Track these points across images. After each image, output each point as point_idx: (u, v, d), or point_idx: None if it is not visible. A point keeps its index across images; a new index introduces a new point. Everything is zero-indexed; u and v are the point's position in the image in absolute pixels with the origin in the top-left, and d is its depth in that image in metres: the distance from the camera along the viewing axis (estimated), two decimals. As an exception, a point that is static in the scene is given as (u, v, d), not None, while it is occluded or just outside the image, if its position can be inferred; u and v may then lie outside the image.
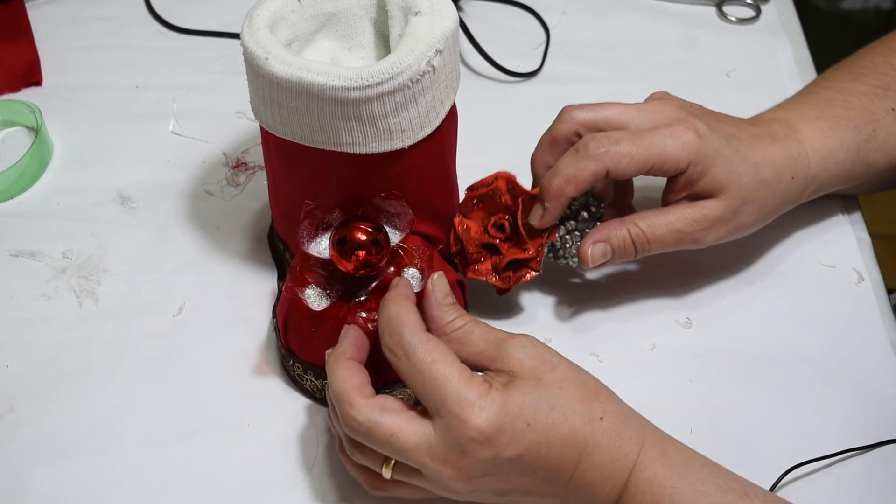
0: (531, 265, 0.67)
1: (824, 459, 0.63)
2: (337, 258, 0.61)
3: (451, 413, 0.52)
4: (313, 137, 0.60)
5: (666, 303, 0.72)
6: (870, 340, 0.70)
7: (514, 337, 0.56)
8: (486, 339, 0.56)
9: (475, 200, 0.69)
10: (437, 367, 0.53)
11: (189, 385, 0.68)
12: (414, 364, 0.54)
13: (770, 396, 0.67)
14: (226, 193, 0.80)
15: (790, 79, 0.89)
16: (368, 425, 0.54)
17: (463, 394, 0.53)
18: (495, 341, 0.56)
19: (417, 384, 0.54)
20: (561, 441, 0.53)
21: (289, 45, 0.64)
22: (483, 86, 0.89)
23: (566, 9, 0.95)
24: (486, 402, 0.52)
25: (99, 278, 0.74)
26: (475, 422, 0.52)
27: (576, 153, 0.65)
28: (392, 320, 0.56)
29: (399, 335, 0.55)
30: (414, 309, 0.57)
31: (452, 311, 0.57)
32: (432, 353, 0.54)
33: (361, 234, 0.60)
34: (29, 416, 0.67)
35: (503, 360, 0.55)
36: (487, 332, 0.56)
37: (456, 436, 0.52)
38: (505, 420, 0.52)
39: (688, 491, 0.54)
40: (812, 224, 0.77)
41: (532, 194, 0.68)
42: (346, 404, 0.55)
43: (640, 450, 0.54)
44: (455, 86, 0.64)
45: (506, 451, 0.53)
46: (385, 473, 0.56)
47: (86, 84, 0.88)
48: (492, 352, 0.55)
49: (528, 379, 0.54)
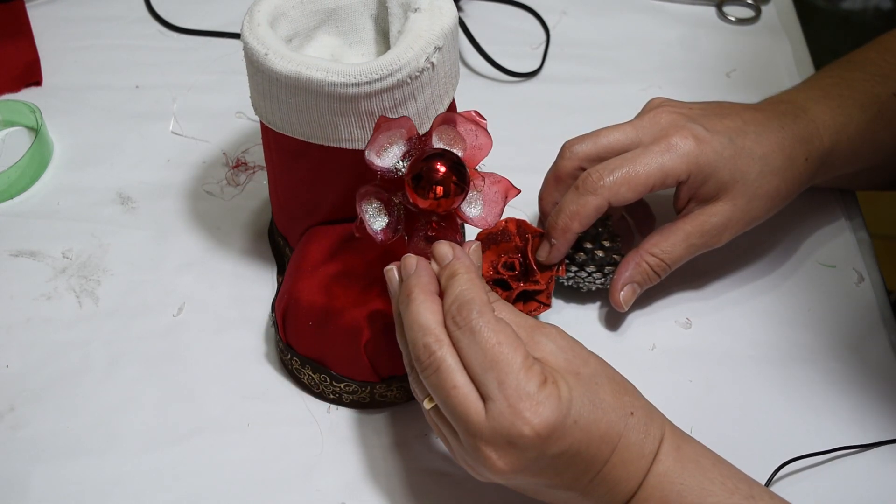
0: (541, 298, 0.68)
1: (820, 455, 0.64)
2: (413, 195, 0.57)
3: (508, 400, 0.51)
4: (312, 133, 0.60)
5: (666, 303, 0.72)
6: (870, 340, 0.70)
7: (544, 325, 0.56)
8: (516, 323, 0.55)
9: (485, 241, 0.70)
10: (501, 350, 0.52)
11: (189, 385, 0.68)
12: (479, 342, 0.52)
13: (770, 396, 0.67)
14: (226, 193, 0.80)
15: (790, 79, 0.89)
16: (443, 365, 0.53)
17: (522, 383, 0.51)
18: (526, 327, 0.55)
19: (477, 363, 0.52)
20: (599, 438, 0.53)
21: (289, 41, 0.64)
22: (483, 86, 0.89)
23: (566, 9, 0.95)
24: (543, 396, 0.51)
25: (99, 278, 0.74)
26: (531, 417, 0.51)
27: (576, 190, 0.66)
28: (463, 294, 0.54)
29: (469, 310, 0.53)
30: (486, 286, 0.56)
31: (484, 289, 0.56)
32: (499, 335, 0.53)
33: (441, 165, 0.56)
34: (29, 416, 0.67)
35: (534, 347, 0.55)
36: (517, 317, 0.56)
37: (508, 426, 0.51)
38: (559, 418, 0.52)
39: (696, 489, 0.54)
40: (812, 224, 0.77)
41: (540, 232, 0.70)
42: (430, 336, 0.54)
43: (659, 445, 0.55)
44: (454, 83, 0.64)
45: (551, 448, 0.52)
46: (426, 405, 0.55)
47: (86, 84, 0.88)
48: (523, 335, 0.55)
49: (566, 373, 0.54)
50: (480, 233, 0.71)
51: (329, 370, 0.65)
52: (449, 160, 0.57)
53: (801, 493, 0.62)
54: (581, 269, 0.70)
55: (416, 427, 0.66)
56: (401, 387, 0.65)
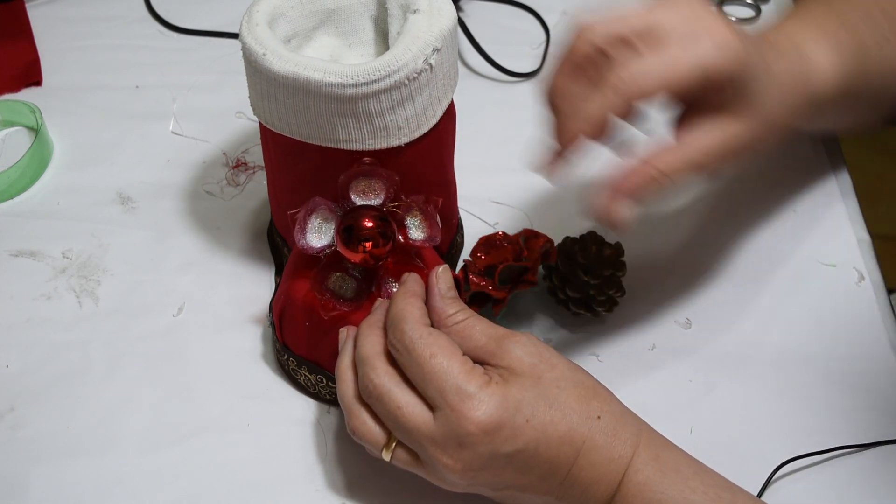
0: (529, 276, 0.68)
1: (819, 455, 0.64)
2: (344, 249, 0.60)
3: (450, 405, 0.53)
4: (310, 134, 0.60)
5: (666, 303, 0.72)
6: (870, 340, 0.70)
7: (514, 334, 0.56)
8: (486, 335, 0.56)
9: (486, 245, 0.71)
10: (436, 361, 0.53)
11: (189, 385, 0.68)
12: (414, 358, 0.54)
13: (770, 396, 0.67)
14: (226, 193, 0.80)
15: (790, 79, 0.89)
16: (382, 391, 0.55)
17: (462, 385, 0.53)
18: (496, 337, 0.56)
19: (417, 378, 0.54)
20: (558, 439, 0.53)
21: (288, 41, 0.64)
22: (483, 86, 0.89)
23: (566, 9, 0.95)
24: (486, 395, 0.53)
25: (99, 278, 0.74)
26: (474, 415, 0.52)
27: (600, 86, 0.56)
28: (396, 316, 0.56)
29: (401, 330, 0.55)
30: (419, 304, 0.57)
31: (454, 305, 0.57)
32: (431, 347, 0.54)
33: (367, 221, 0.59)
34: (29, 416, 0.67)
35: (503, 356, 0.55)
36: (488, 328, 0.57)
37: (455, 428, 0.52)
38: (504, 415, 0.53)
39: (677, 498, 0.54)
40: (812, 223, 0.77)
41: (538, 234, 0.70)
42: (367, 366, 0.56)
43: (634, 451, 0.54)
44: (453, 84, 0.64)
45: (504, 446, 0.53)
46: (385, 455, 0.56)
47: (86, 84, 0.88)
48: (492, 347, 0.56)
49: (527, 376, 0.54)
50: (480, 238, 0.71)
51: (325, 371, 0.65)
52: (370, 214, 0.60)
53: (799, 493, 0.62)
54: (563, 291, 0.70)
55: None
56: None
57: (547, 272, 0.71)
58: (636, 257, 0.72)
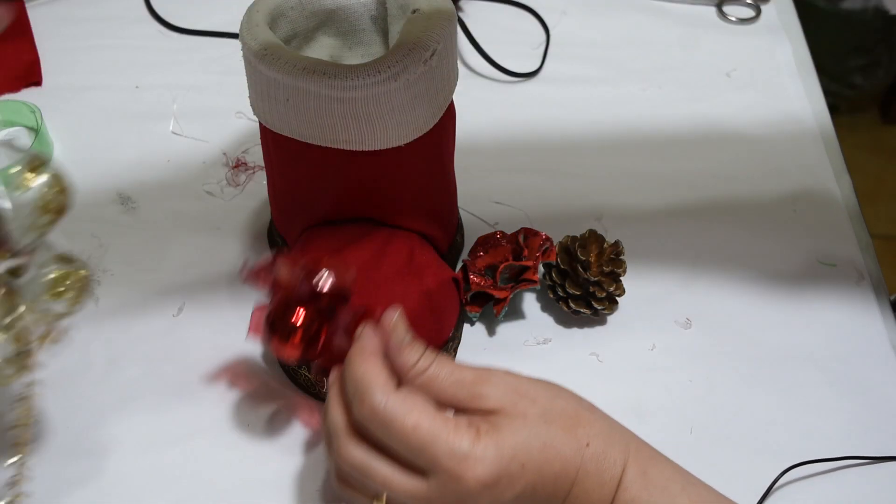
0: (530, 275, 0.68)
1: (824, 462, 0.63)
2: (276, 345, 0.56)
3: (446, 470, 0.50)
4: (310, 134, 0.60)
5: (666, 303, 0.72)
6: (870, 340, 0.70)
7: (484, 376, 0.53)
8: (454, 382, 0.52)
9: (483, 245, 0.71)
10: (421, 430, 0.50)
11: (189, 385, 0.68)
12: (394, 432, 0.50)
13: (770, 396, 0.67)
14: (226, 193, 0.80)
15: (790, 79, 0.89)
16: (362, 467, 0.52)
17: (454, 447, 0.50)
18: (465, 384, 0.52)
19: (403, 450, 0.51)
20: (554, 476, 0.52)
21: (288, 41, 0.64)
22: (483, 86, 0.89)
23: (566, 9, 0.96)
24: (480, 451, 0.50)
25: (99, 278, 0.74)
26: (473, 474, 0.49)
27: None
28: (359, 385, 0.52)
29: (370, 404, 0.51)
30: (380, 365, 0.53)
31: (414, 352, 0.53)
32: (409, 416, 0.50)
33: (296, 319, 0.56)
34: (29, 416, 0.67)
35: (480, 401, 0.52)
36: (454, 373, 0.53)
37: (454, 489, 0.50)
38: (501, 466, 0.50)
39: None
40: (812, 223, 0.77)
41: (536, 232, 0.70)
42: (338, 445, 0.53)
43: (623, 469, 0.53)
44: (452, 84, 0.64)
45: (504, 494, 0.51)
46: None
47: (86, 84, 0.88)
48: (463, 395, 0.52)
49: (512, 417, 0.52)
50: (479, 238, 0.71)
51: (326, 371, 0.65)
52: (305, 307, 0.56)
53: (803, 499, 0.62)
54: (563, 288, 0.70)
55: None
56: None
57: (546, 270, 0.71)
58: (636, 257, 0.72)
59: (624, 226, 0.76)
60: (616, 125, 0.86)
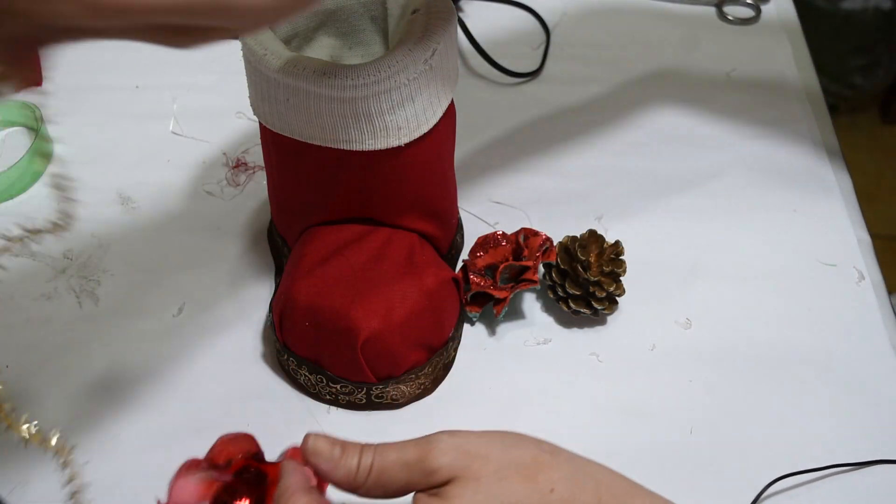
0: (530, 275, 0.68)
1: (812, 472, 0.63)
2: None
3: None
4: (310, 134, 0.60)
5: (666, 303, 0.72)
6: (870, 340, 0.70)
7: (428, 448, 0.49)
8: (403, 467, 0.49)
9: (482, 246, 0.71)
10: None
11: (189, 385, 0.68)
12: None
13: (770, 396, 0.67)
14: (226, 193, 0.80)
15: (790, 79, 0.89)
16: None
17: None
18: (413, 465, 0.49)
19: None
20: None
21: (288, 41, 0.64)
22: (483, 86, 0.89)
23: (566, 9, 0.96)
24: None
25: (99, 278, 0.74)
26: None
27: None
28: None
29: None
30: (317, 498, 0.49)
31: (351, 455, 0.49)
32: None
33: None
34: (29, 417, 0.66)
35: (434, 477, 0.48)
36: (399, 456, 0.49)
37: None
38: None
39: None
40: (812, 223, 0.77)
41: (536, 232, 0.70)
42: None
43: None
44: (453, 85, 0.64)
45: None
46: None
47: (86, 84, 0.88)
48: (416, 476, 0.49)
49: (465, 482, 0.48)
50: (478, 238, 0.72)
51: (325, 371, 0.65)
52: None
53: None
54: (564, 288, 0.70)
55: (415, 428, 0.66)
56: (397, 389, 0.65)
57: (546, 270, 0.71)
58: (636, 257, 0.72)
59: (624, 226, 0.76)
60: (616, 125, 0.86)
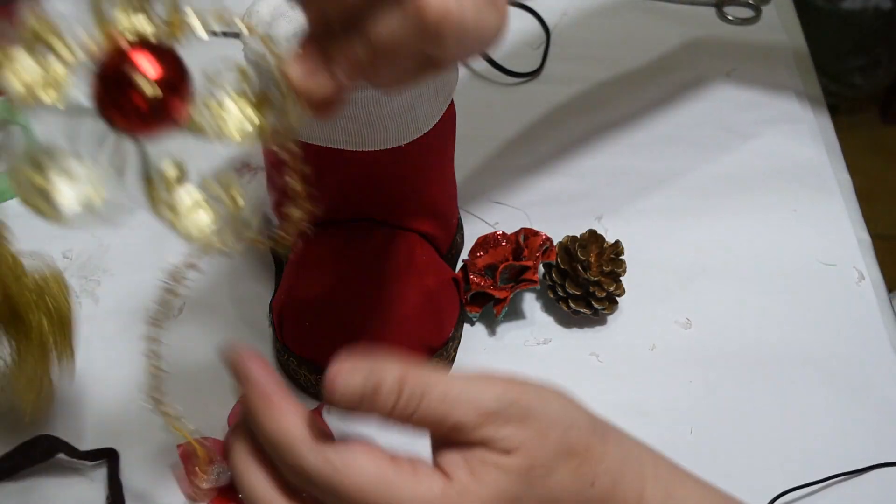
0: (530, 275, 0.68)
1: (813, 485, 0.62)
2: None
3: None
4: (310, 134, 0.60)
5: (666, 303, 0.72)
6: (870, 339, 0.70)
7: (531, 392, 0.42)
8: (494, 397, 0.41)
9: (482, 245, 0.71)
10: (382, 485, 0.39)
11: (189, 385, 0.68)
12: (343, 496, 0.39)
13: (769, 396, 0.67)
14: (226, 193, 0.80)
15: (790, 79, 0.89)
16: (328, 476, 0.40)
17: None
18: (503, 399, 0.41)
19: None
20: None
21: (289, 42, 0.64)
22: (483, 86, 0.89)
23: (566, 9, 0.96)
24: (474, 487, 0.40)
25: (99, 278, 0.74)
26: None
27: None
28: (279, 446, 0.41)
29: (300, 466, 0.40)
30: (291, 411, 0.42)
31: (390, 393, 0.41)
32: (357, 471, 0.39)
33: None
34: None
35: (492, 443, 0.41)
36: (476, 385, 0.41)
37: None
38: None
39: None
40: (812, 223, 0.77)
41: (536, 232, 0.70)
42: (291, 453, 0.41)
43: (639, 498, 0.46)
44: (452, 85, 0.64)
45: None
46: None
47: (86, 84, 0.88)
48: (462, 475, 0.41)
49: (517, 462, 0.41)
50: (478, 238, 0.72)
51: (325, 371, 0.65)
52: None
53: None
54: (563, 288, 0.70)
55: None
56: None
57: (546, 270, 0.71)
58: (636, 257, 0.72)
59: (624, 226, 0.76)
60: (616, 125, 0.86)
